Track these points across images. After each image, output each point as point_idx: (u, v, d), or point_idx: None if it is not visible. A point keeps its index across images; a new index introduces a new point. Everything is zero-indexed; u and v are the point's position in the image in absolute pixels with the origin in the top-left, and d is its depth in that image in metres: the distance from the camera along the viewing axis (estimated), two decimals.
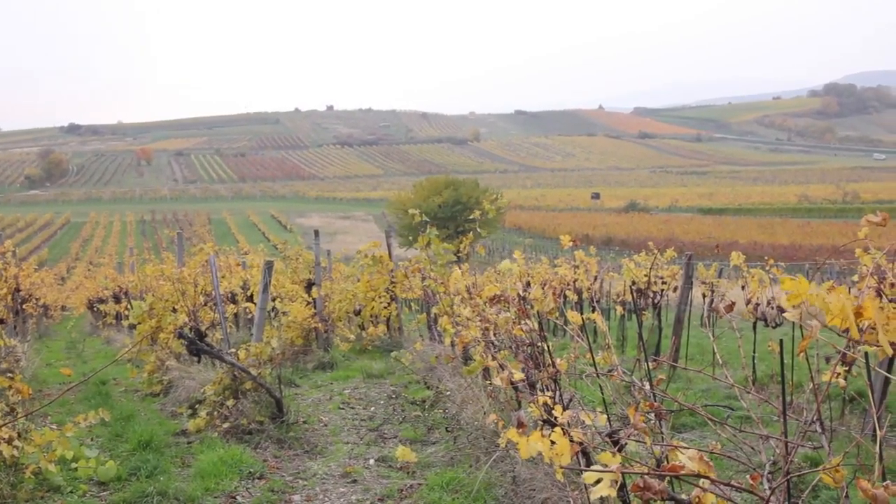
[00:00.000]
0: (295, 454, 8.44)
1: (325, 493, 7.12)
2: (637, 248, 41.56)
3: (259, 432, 8.83)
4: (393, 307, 16.46)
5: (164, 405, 11.12)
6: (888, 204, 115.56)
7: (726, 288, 19.19)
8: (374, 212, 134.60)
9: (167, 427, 9.49)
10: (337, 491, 7.18)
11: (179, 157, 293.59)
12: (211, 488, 7.05)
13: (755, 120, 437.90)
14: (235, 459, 7.68)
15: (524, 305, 5.61)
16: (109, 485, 7.22)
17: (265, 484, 7.28)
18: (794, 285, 2.45)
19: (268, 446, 8.57)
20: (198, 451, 8.18)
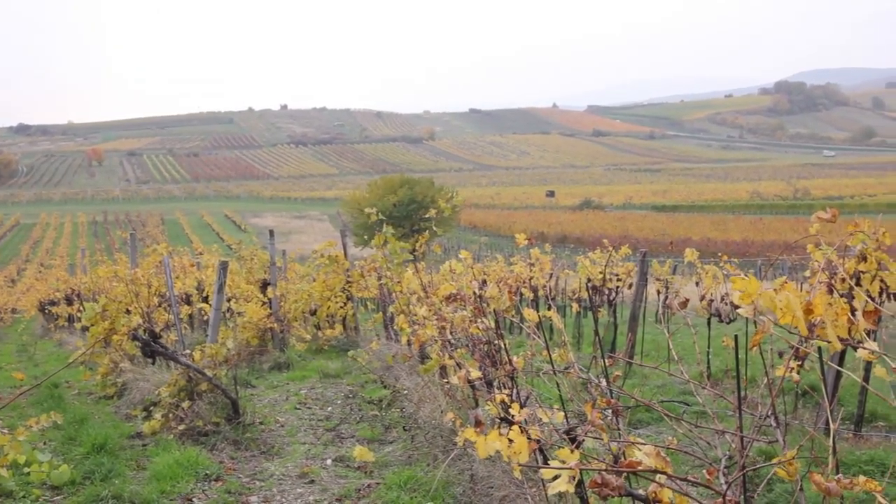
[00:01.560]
0: (252, 455, 8.39)
1: (282, 494, 7.08)
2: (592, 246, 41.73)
3: (215, 434, 8.77)
4: (349, 307, 16.41)
5: (119, 408, 11.01)
6: (837, 200, 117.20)
7: (680, 284, 19.35)
8: (329, 211, 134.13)
9: (122, 430, 9.39)
10: (294, 492, 7.14)
11: (131, 157, 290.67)
12: (167, 491, 6.99)
13: (707, 118, 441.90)
14: (191, 461, 7.62)
15: (480, 304, 5.62)
16: (63, 489, 7.13)
17: (222, 486, 7.23)
18: (744, 284, 2.47)
19: (224, 448, 8.51)
20: (153, 454, 8.10)
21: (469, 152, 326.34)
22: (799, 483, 2.61)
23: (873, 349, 2.52)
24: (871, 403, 8.74)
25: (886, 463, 7.01)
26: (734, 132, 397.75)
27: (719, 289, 11.77)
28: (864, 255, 6.79)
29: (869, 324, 2.56)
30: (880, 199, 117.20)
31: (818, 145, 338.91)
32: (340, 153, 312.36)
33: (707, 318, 11.81)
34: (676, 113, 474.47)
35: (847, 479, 2.31)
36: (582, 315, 18.10)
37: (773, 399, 2.89)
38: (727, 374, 11.87)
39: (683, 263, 18.79)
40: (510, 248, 66.64)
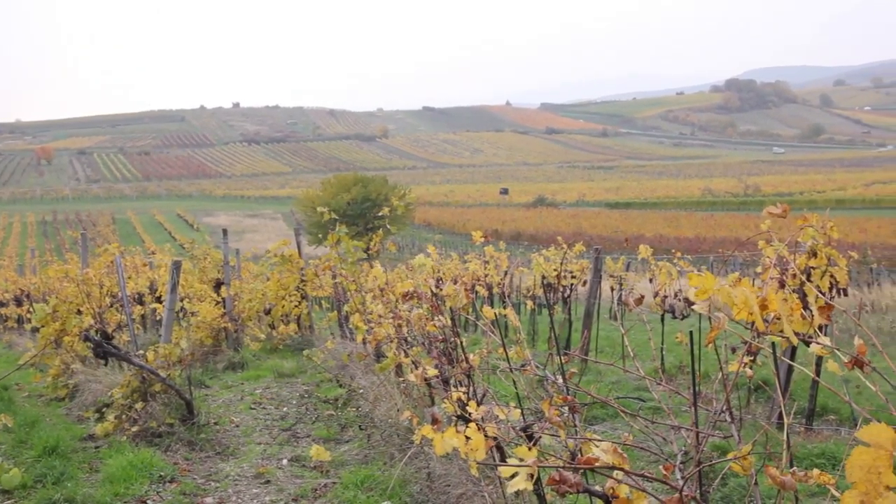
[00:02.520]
0: (206, 456, 8.33)
1: (237, 495, 7.04)
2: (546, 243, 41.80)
3: (169, 435, 8.69)
4: (303, 305, 16.36)
5: (70, 410, 10.88)
6: (787, 196, 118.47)
7: (634, 281, 19.48)
8: (283, 210, 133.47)
9: (74, 432, 9.28)
10: (250, 492, 7.10)
11: (82, 156, 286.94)
12: (121, 493, 6.92)
13: (659, 115, 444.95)
14: (145, 463, 7.55)
15: (437, 302, 5.62)
16: (14, 493, 7.03)
17: (177, 487, 7.17)
18: (700, 280, 2.49)
19: (179, 449, 8.44)
20: (106, 456, 8.01)
21: (423, 150, 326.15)
22: (754, 477, 2.64)
23: (826, 344, 2.55)
24: (821, 398, 8.86)
25: (837, 456, 7.11)
26: (686, 129, 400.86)
27: (673, 285, 11.87)
28: (814, 251, 6.89)
29: (823, 319, 2.59)
30: (829, 196, 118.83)
31: (768, 142, 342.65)
32: (294, 151, 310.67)
33: (661, 314, 11.90)
34: (629, 110, 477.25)
35: (802, 473, 2.34)
36: (536, 312, 18.16)
37: (727, 395, 2.91)
38: (681, 370, 11.97)
39: (637, 260, 18.91)
40: (464, 245, 66.72)
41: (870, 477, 1.88)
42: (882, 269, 38.98)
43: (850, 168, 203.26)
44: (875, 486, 1.87)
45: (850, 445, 1.97)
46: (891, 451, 1.88)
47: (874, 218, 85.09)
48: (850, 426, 8.76)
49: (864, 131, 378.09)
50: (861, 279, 29.84)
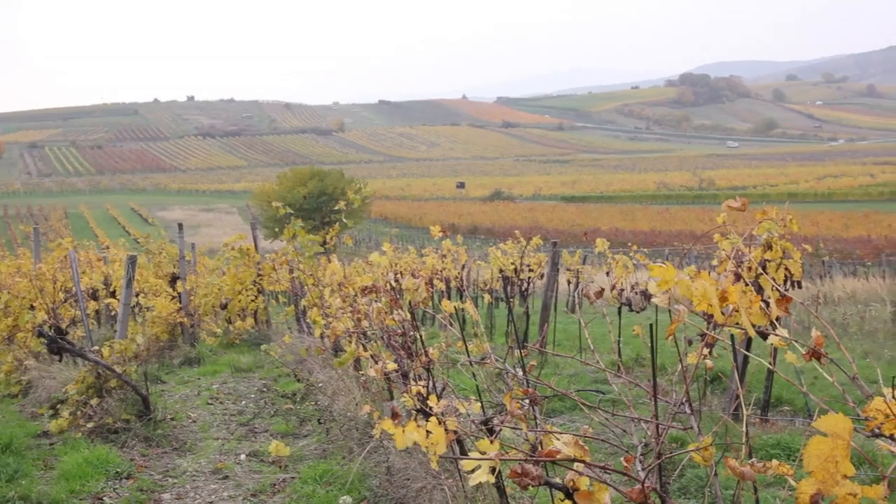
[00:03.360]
0: (163, 452, 8.28)
1: (195, 491, 7.00)
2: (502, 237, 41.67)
3: (126, 431, 8.62)
4: (260, 300, 16.28)
5: (24, 406, 10.74)
6: (741, 190, 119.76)
7: (590, 274, 19.58)
8: (238, 204, 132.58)
9: (27, 429, 9.16)
10: (208, 488, 7.07)
11: (33, 149, 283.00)
12: (76, 490, 6.84)
13: (615, 109, 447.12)
14: (101, 460, 7.47)
15: (396, 296, 5.61)
16: None
17: (133, 483, 7.11)
18: (661, 272, 2.51)
19: (135, 445, 8.37)
20: (61, 453, 7.92)
21: (379, 144, 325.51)
22: (713, 468, 2.66)
23: (784, 336, 2.57)
24: (776, 389, 8.97)
25: (792, 446, 7.20)
26: (641, 123, 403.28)
27: (629, 278, 11.94)
28: (769, 243, 6.95)
29: (781, 311, 2.61)
30: (781, 189, 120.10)
31: (722, 136, 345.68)
32: (249, 145, 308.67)
33: (618, 307, 11.96)
34: (585, 104, 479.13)
35: (761, 464, 2.36)
36: (494, 306, 18.21)
37: (686, 386, 2.93)
38: (637, 363, 12.07)
39: (593, 253, 18.95)
40: (421, 239, 66.71)
41: (826, 466, 1.90)
42: (833, 261, 39.49)
43: (803, 162, 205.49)
44: (832, 475, 1.90)
45: (807, 436, 1.99)
46: (848, 441, 1.90)
47: (826, 211, 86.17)
48: (804, 416, 8.88)
49: (815, 126, 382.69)
50: (814, 272, 30.22)
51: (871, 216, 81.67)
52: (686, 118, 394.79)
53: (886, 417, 1.98)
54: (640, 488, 2.55)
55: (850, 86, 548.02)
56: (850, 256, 47.14)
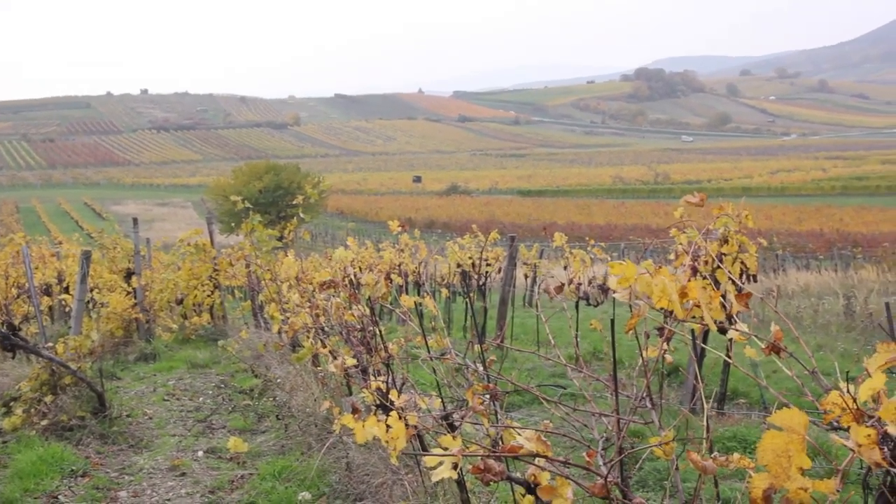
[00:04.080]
0: (119, 449, 8.20)
1: (152, 488, 6.94)
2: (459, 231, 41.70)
3: (81, 428, 8.52)
4: (216, 295, 16.18)
5: None
6: (696, 184, 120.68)
7: (547, 268, 19.64)
8: (193, 198, 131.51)
9: None
10: (165, 485, 7.01)
11: None
12: (30, 489, 6.76)
13: (571, 103, 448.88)
14: (56, 458, 7.39)
15: (355, 291, 5.60)
16: None
17: (89, 481, 7.04)
18: (622, 269, 2.52)
19: (90, 442, 8.28)
20: (15, 451, 7.81)
21: (335, 138, 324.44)
22: (675, 462, 2.68)
23: (744, 331, 2.60)
24: (732, 382, 9.06)
25: (748, 438, 7.28)
26: (597, 118, 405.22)
27: (587, 273, 11.99)
28: (725, 238, 7.03)
29: (741, 307, 2.64)
30: (735, 183, 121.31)
31: (677, 131, 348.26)
32: (204, 139, 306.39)
33: (575, 301, 12.01)
34: (541, 99, 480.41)
35: (723, 457, 2.39)
36: (451, 300, 18.21)
37: (647, 381, 2.96)
38: (595, 356, 12.14)
39: (550, 248, 18.95)
40: (377, 233, 66.58)
41: (780, 460, 1.92)
42: (787, 255, 39.98)
43: (756, 156, 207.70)
44: (785, 469, 1.91)
45: (765, 428, 2.01)
46: (803, 435, 1.92)
47: (779, 205, 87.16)
48: (760, 409, 8.98)
49: (769, 120, 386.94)
50: (767, 265, 30.55)
51: (823, 210, 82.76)
52: (641, 113, 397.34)
53: (843, 411, 2.00)
54: (602, 483, 2.57)
55: (802, 81, 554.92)
56: (803, 250, 47.72)
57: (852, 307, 15.04)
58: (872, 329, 13.37)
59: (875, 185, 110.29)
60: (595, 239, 15.31)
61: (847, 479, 1.96)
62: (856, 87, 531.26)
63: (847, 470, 1.92)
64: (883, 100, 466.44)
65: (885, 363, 2.05)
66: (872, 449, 1.86)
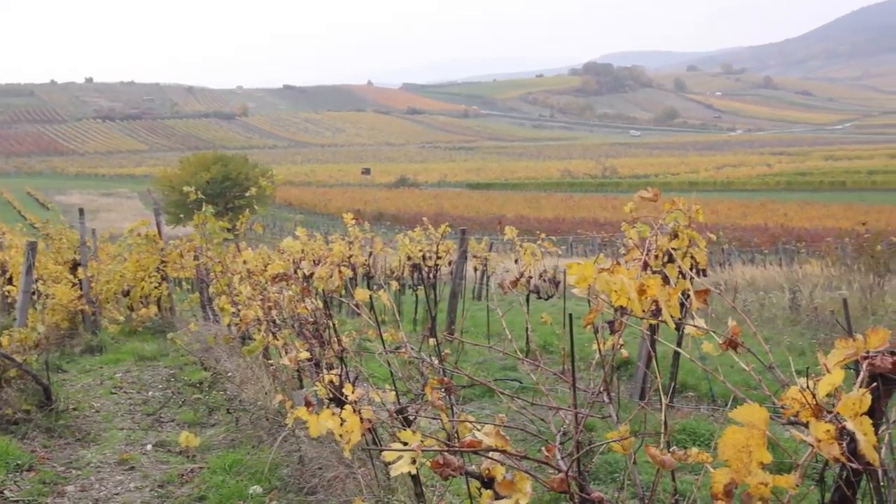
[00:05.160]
0: (66, 443, 8.09)
1: (100, 482, 6.85)
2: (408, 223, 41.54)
3: (26, 422, 8.39)
4: (164, 287, 16.03)
5: None
6: (643, 179, 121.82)
7: (497, 262, 19.68)
8: (140, 188, 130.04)
9: None
10: (114, 479, 6.92)
11: None
12: None
13: (520, 97, 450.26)
14: (1, 452, 7.26)
15: (308, 283, 5.57)
16: None
17: (35, 476, 6.93)
18: (580, 269, 2.53)
19: (36, 436, 8.16)
20: None
21: (284, 129, 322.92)
22: (633, 457, 2.70)
23: (702, 326, 2.62)
24: (681, 375, 9.14)
25: (697, 431, 7.36)
26: (546, 111, 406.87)
27: (537, 266, 12.02)
28: (676, 232, 7.08)
29: (700, 303, 2.66)
30: (682, 178, 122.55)
31: (625, 125, 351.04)
32: (150, 129, 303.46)
33: (526, 295, 12.05)
34: (490, 92, 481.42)
35: (682, 451, 2.40)
36: (401, 293, 18.22)
37: (605, 374, 2.97)
38: (545, 350, 12.20)
39: (499, 241, 18.94)
40: (326, 225, 66.40)
41: (740, 455, 1.94)
42: (733, 249, 40.44)
43: (703, 151, 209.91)
44: (746, 465, 1.93)
45: (713, 422, 2.03)
46: (764, 431, 1.94)
47: (725, 200, 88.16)
48: (708, 402, 9.08)
49: (715, 116, 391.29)
50: (714, 260, 30.87)
51: (768, 205, 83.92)
52: (590, 107, 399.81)
53: (803, 406, 2.02)
54: (562, 477, 2.58)
55: (748, 77, 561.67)
56: (749, 244, 48.27)
57: (798, 301, 15.24)
58: (817, 323, 13.58)
59: (818, 181, 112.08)
60: (544, 232, 15.37)
61: (805, 474, 1.98)
62: (800, 83, 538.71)
63: (806, 465, 1.95)
64: (826, 97, 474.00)
65: (843, 359, 2.08)
66: (832, 444, 1.88)
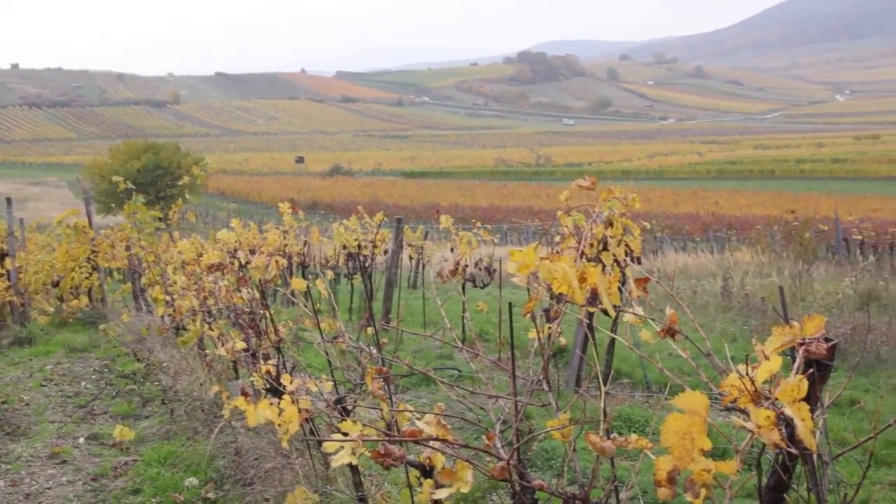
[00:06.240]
0: None
1: (31, 476, 6.73)
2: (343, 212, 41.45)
3: None
4: (95, 277, 15.78)
5: None
6: (577, 167, 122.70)
7: (432, 250, 19.68)
8: (68, 177, 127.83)
9: None
10: (45, 473, 6.81)
11: None
12: None
13: (454, 85, 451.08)
14: None
15: (244, 273, 5.52)
16: None
17: None
18: (521, 257, 2.53)
19: None
20: None
21: (216, 117, 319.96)
22: (573, 444, 2.71)
23: (640, 314, 2.64)
24: (616, 362, 9.23)
25: (633, 417, 7.44)
26: (480, 100, 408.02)
27: (473, 254, 12.05)
28: (611, 220, 7.14)
29: (640, 291, 2.68)
30: (615, 166, 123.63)
31: (559, 114, 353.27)
32: (79, 116, 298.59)
33: (462, 283, 12.07)
34: (424, 80, 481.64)
35: (622, 438, 2.42)
36: (336, 282, 18.13)
37: (545, 363, 2.98)
38: (481, 338, 12.23)
39: (434, 229, 18.94)
40: (260, 214, 65.85)
41: (683, 442, 1.95)
42: (665, 237, 40.92)
43: (635, 140, 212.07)
44: (688, 451, 1.95)
45: (658, 411, 2.04)
46: (704, 417, 1.96)
47: (657, 188, 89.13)
48: (643, 389, 9.19)
49: (647, 105, 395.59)
50: (647, 247, 31.20)
51: (700, 193, 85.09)
52: (524, 95, 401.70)
53: (742, 393, 2.04)
54: (503, 465, 2.58)
55: (679, 66, 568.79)
56: (681, 232, 48.89)
57: (729, 288, 15.47)
58: (748, 310, 13.80)
59: (748, 170, 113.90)
60: (478, 221, 15.40)
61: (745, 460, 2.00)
62: (730, 73, 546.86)
63: (746, 451, 1.97)
64: (756, 86, 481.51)
65: (780, 346, 2.10)
66: (772, 430, 1.90)
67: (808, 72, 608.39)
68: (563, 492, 2.64)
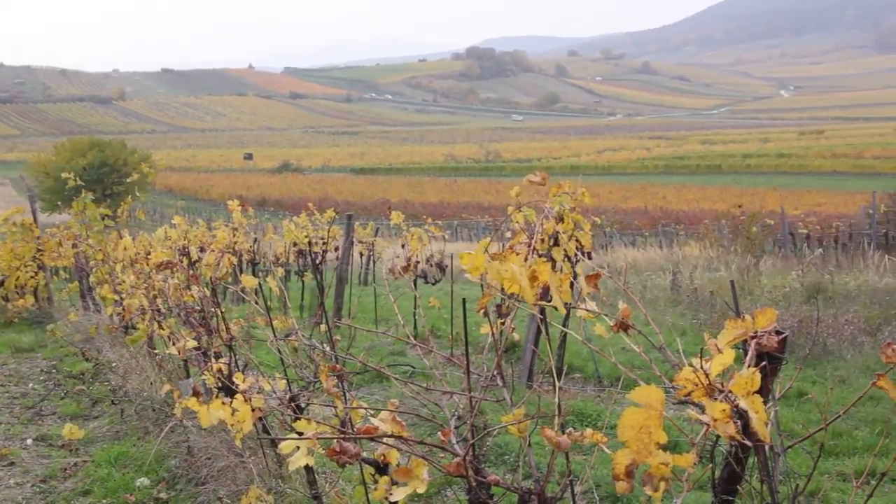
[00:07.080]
0: None
1: None
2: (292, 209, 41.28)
3: None
4: (41, 276, 15.57)
5: None
6: (526, 163, 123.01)
7: (383, 247, 19.65)
8: (11, 175, 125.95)
9: None
10: None
11: None
12: None
13: (403, 81, 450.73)
14: None
15: (194, 271, 5.47)
16: None
17: None
18: (471, 259, 2.53)
19: None
20: None
21: (162, 114, 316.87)
22: (528, 439, 2.72)
23: (593, 309, 2.66)
24: (567, 356, 9.28)
25: (585, 412, 7.48)
26: (429, 96, 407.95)
27: (425, 251, 12.05)
28: (561, 216, 7.17)
29: (591, 288, 2.69)
30: (564, 162, 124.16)
31: (507, 110, 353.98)
32: (22, 113, 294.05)
33: (413, 279, 12.07)
34: (373, 76, 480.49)
35: (578, 433, 2.43)
36: (286, 279, 18.04)
37: (498, 358, 2.99)
38: (433, 334, 12.23)
39: (384, 226, 18.88)
40: (208, 211, 65.36)
41: (641, 436, 1.97)
42: (614, 232, 41.19)
43: (584, 136, 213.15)
44: (646, 445, 1.96)
45: (610, 405, 2.05)
46: (660, 411, 1.97)
47: (606, 183, 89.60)
48: (595, 383, 9.25)
49: (595, 100, 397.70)
50: (597, 242, 31.38)
51: (648, 188, 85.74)
52: (472, 91, 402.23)
53: (696, 386, 2.06)
54: (458, 461, 2.59)
55: (627, 62, 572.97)
56: (630, 227, 49.21)
57: (678, 282, 15.61)
58: (698, 304, 13.92)
59: (695, 165, 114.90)
60: (429, 217, 15.38)
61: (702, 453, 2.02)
62: (677, 69, 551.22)
63: (702, 444, 1.99)
64: (702, 82, 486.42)
65: (733, 339, 2.13)
66: (728, 423, 1.92)
67: (753, 68, 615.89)
68: (518, 486, 2.66)
